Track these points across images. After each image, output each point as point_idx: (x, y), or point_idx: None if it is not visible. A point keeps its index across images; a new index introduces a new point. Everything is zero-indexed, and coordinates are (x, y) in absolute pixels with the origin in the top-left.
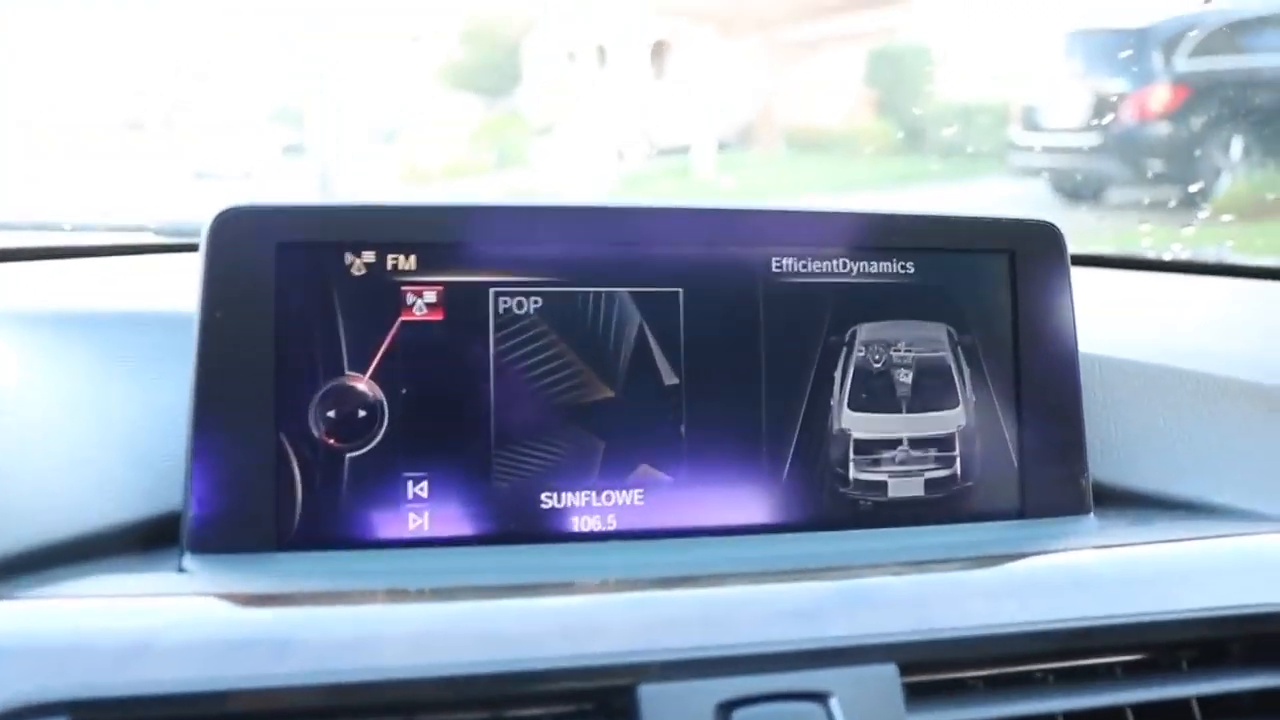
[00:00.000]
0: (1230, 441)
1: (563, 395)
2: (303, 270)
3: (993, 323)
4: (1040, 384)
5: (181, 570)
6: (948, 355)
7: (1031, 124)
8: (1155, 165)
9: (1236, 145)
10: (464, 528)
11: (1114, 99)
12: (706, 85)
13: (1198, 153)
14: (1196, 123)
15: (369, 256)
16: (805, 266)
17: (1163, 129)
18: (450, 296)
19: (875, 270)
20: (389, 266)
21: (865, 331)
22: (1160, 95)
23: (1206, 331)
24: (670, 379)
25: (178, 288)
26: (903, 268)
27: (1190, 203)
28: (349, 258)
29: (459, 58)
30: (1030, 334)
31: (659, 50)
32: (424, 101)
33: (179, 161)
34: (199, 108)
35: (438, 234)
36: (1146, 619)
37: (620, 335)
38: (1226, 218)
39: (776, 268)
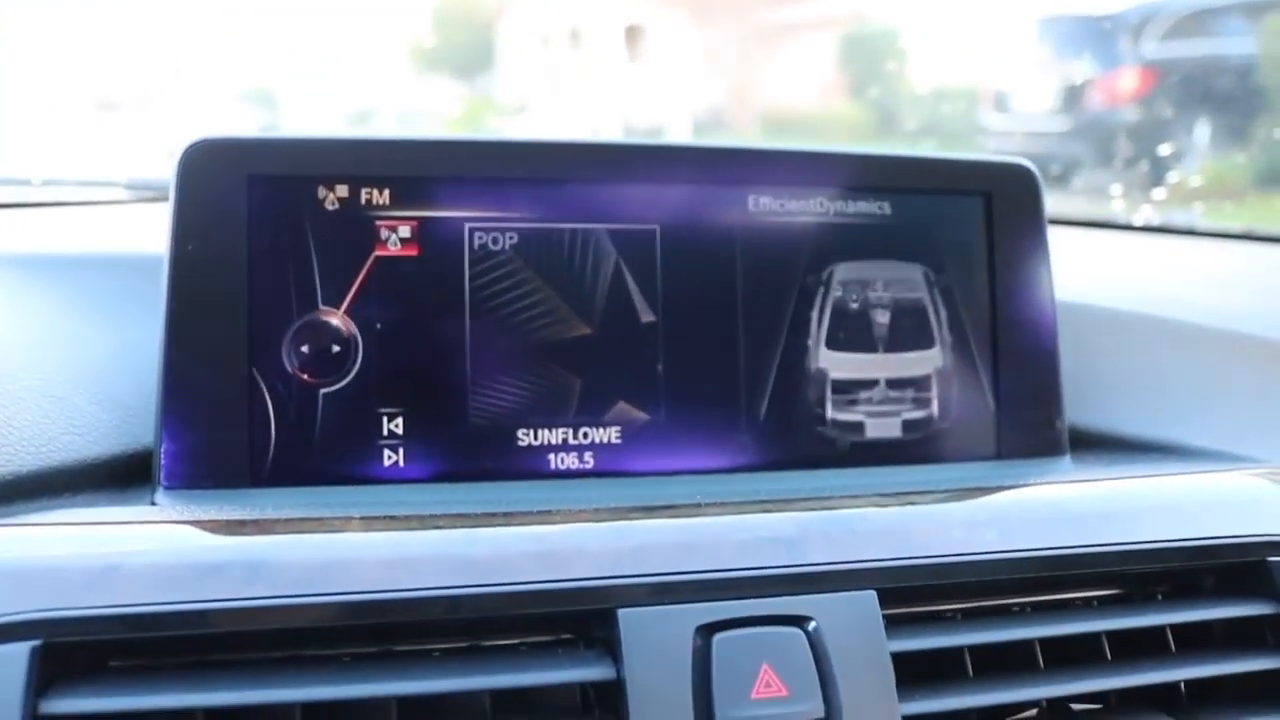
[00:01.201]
0: (1206, 386)
1: (539, 332)
2: (275, 203)
3: (969, 264)
4: (1016, 326)
5: (154, 505)
6: (924, 296)
7: (1002, 107)
8: (1124, 149)
9: (1203, 129)
10: (439, 465)
11: (1083, 83)
12: (680, 69)
13: (1165, 137)
14: (1164, 107)
15: (343, 190)
16: (782, 205)
17: (1131, 113)
18: (425, 231)
19: (852, 210)
20: (363, 200)
21: (842, 271)
22: (1129, 79)
23: (1180, 285)
24: (647, 316)
25: (148, 235)
26: (879, 208)
27: (1156, 185)
28: (323, 191)
29: (432, 40)
30: (1006, 276)
31: (633, 34)
32: (397, 83)
33: (151, 142)
34: (171, 88)
35: (413, 168)
36: (1124, 548)
37: (597, 272)
38: (1194, 200)
39: (754, 206)
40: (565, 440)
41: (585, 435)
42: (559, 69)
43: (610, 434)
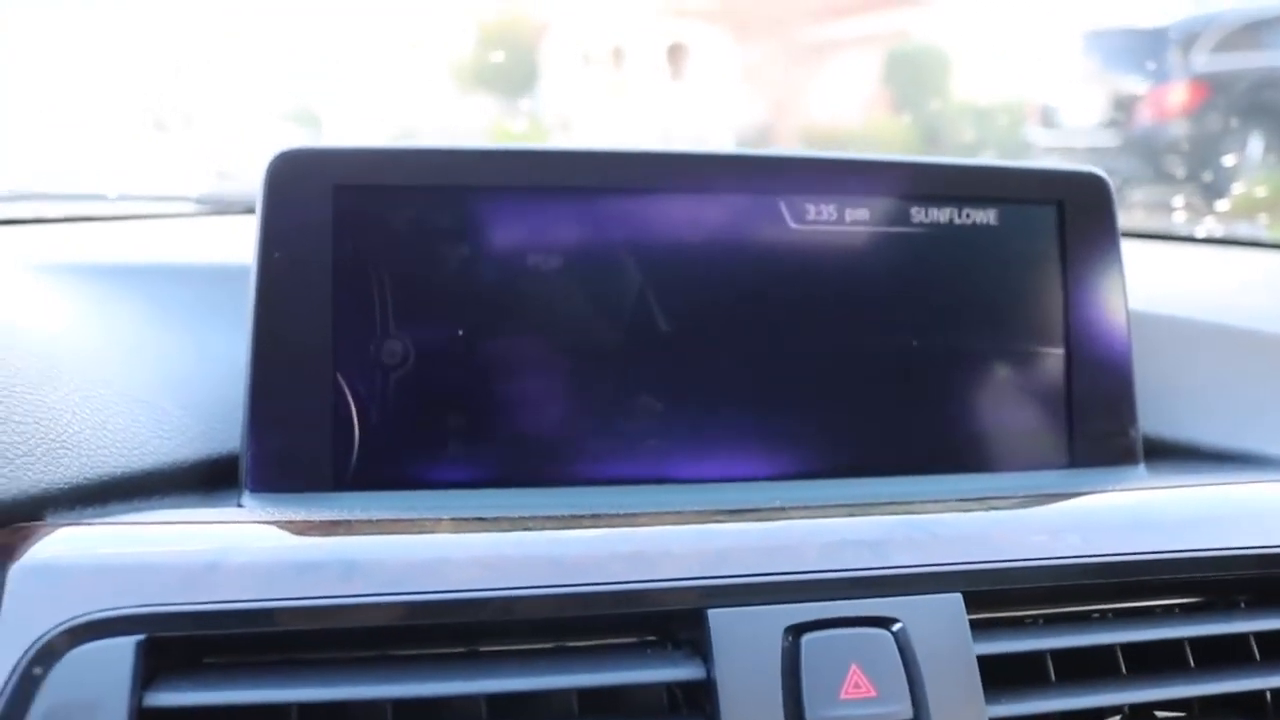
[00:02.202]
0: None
1: (612, 340)
2: (360, 212)
3: (1042, 274)
4: (1090, 334)
5: (240, 507)
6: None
7: (1050, 123)
8: (1174, 164)
9: (1256, 143)
10: (524, 470)
11: (1132, 98)
12: (723, 87)
13: (1217, 151)
14: (1215, 121)
15: (423, 200)
16: (842, 215)
17: (1181, 127)
18: (501, 242)
19: (920, 220)
20: (443, 210)
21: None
22: (1178, 93)
23: (1248, 294)
24: (719, 321)
25: (223, 246)
26: (951, 218)
27: (1210, 200)
28: (405, 201)
29: (475, 60)
30: (1079, 285)
31: (675, 52)
32: (440, 103)
33: (200, 162)
34: (219, 109)
35: (489, 178)
36: (1207, 554)
37: (670, 279)
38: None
39: (812, 216)
40: (644, 446)
41: (663, 441)
42: (602, 87)
43: (688, 440)
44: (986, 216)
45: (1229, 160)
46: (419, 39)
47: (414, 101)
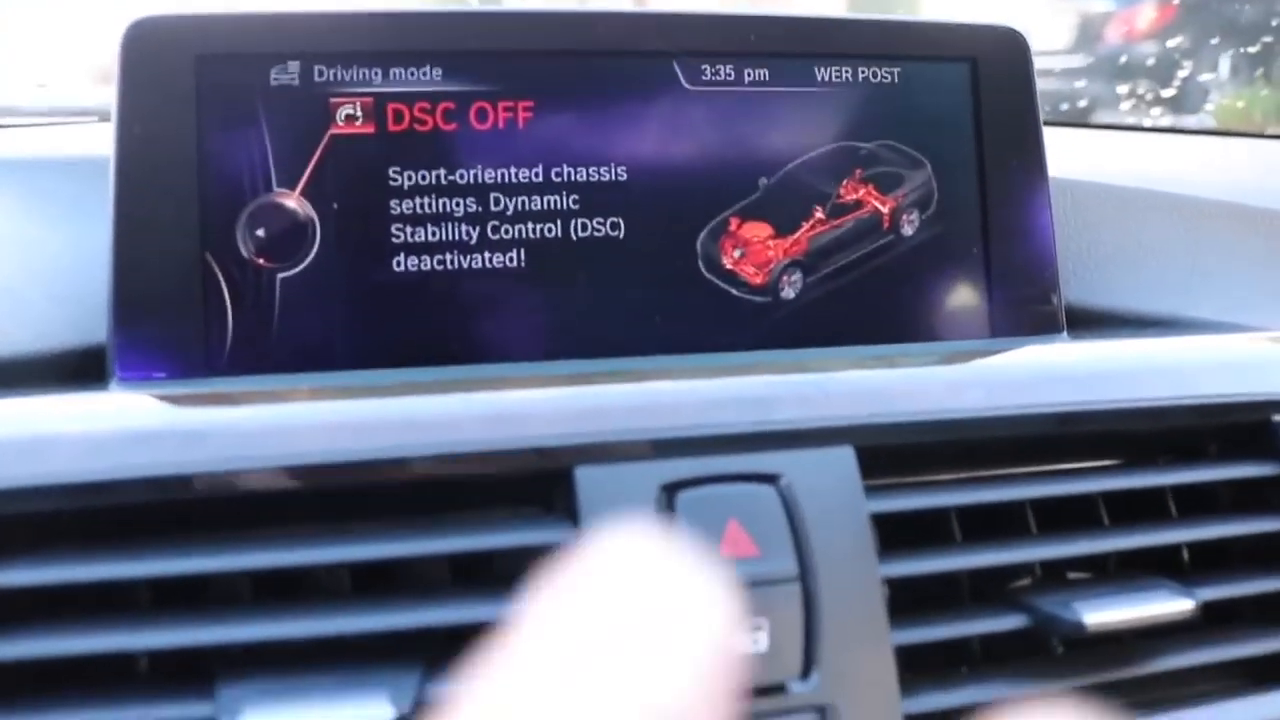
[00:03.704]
0: (1207, 258)
1: (495, 210)
2: (224, 83)
3: (953, 136)
4: (1007, 200)
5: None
6: (905, 171)
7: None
8: (1143, 86)
9: (1225, 63)
10: (404, 350)
11: (1100, 18)
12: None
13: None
14: (1185, 40)
15: (294, 67)
16: (739, 74)
17: (1150, 48)
18: (381, 109)
19: (822, 78)
20: (316, 77)
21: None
22: (1147, 13)
23: (1182, 167)
24: (603, 191)
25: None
26: (852, 76)
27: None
28: (273, 69)
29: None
30: (995, 147)
31: None
32: None
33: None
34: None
35: (366, 42)
36: (1122, 406)
37: (549, 146)
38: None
39: (708, 77)
40: (524, 321)
41: (543, 318)
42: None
43: (568, 316)
44: (894, 74)
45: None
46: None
47: None
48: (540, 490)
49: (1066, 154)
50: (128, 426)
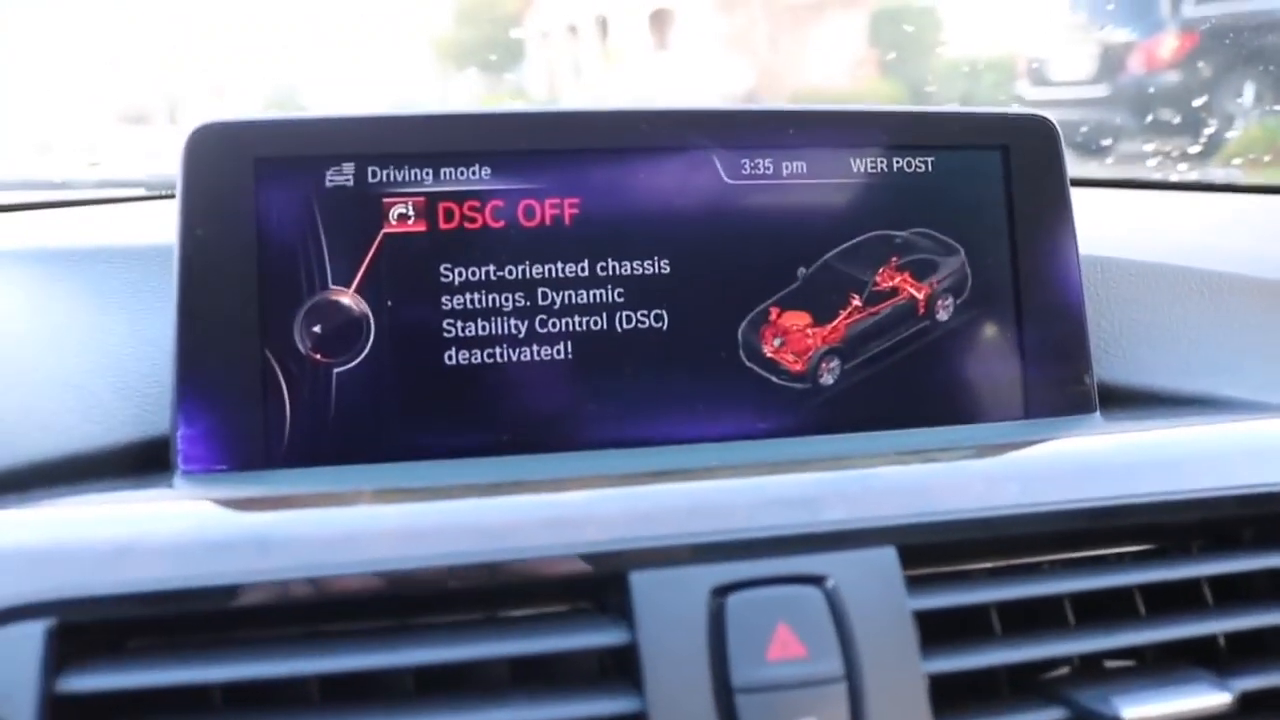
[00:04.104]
0: (1238, 336)
1: (546, 305)
2: (282, 184)
3: (987, 221)
4: (1039, 281)
5: (171, 489)
6: (940, 258)
7: (1040, 79)
8: (1166, 114)
9: (1248, 91)
10: (453, 441)
11: (1122, 49)
12: (709, 52)
13: (1210, 99)
14: (1206, 70)
15: (348, 169)
16: (779, 168)
17: (1172, 77)
18: (433, 208)
19: (859, 170)
20: (370, 178)
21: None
22: (1169, 43)
23: (1212, 235)
24: (654, 285)
25: (165, 229)
26: (889, 167)
27: (1204, 151)
28: (329, 170)
29: (459, 36)
30: (1027, 230)
31: (659, 19)
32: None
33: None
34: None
35: (418, 144)
36: (1157, 499)
37: (601, 243)
38: (1238, 162)
39: (747, 171)
40: (576, 414)
41: (598, 405)
42: (587, 58)
43: (619, 407)
44: (928, 163)
45: (1223, 107)
46: (402, 18)
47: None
48: (592, 589)
49: (1092, 217)
50: (204, 535)
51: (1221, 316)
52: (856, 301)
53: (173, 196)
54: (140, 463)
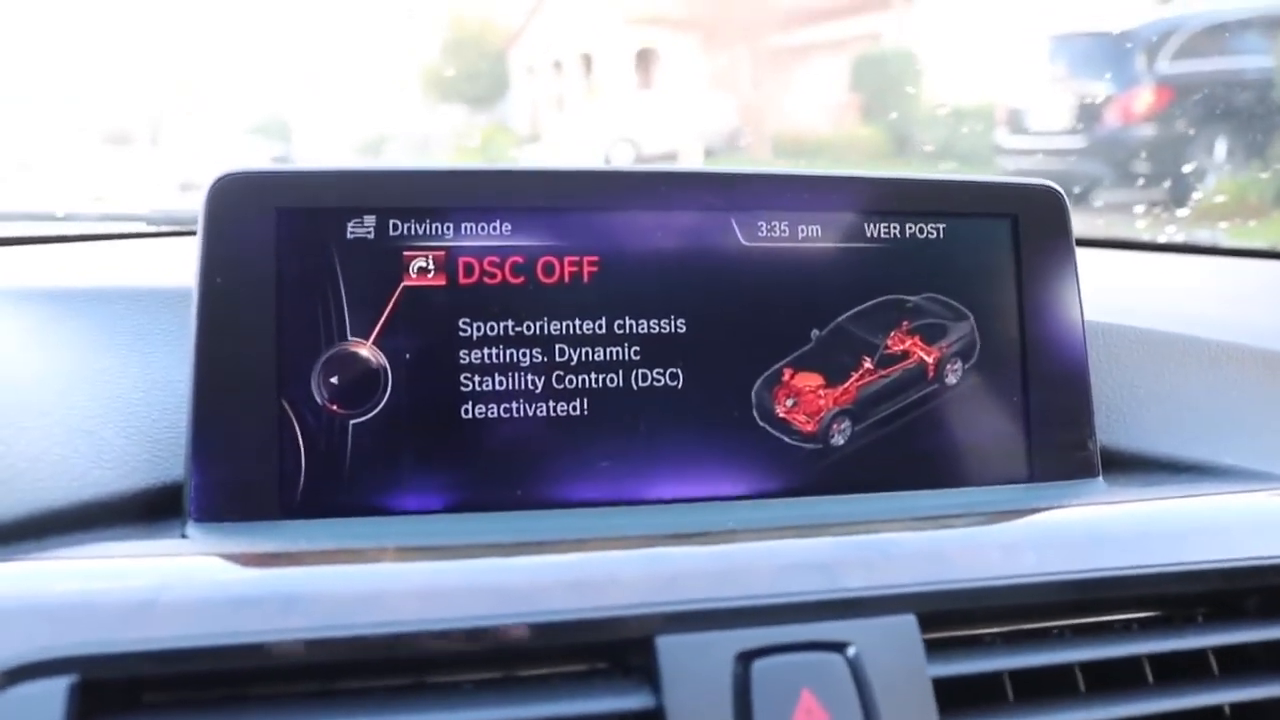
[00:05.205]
0: (1238, 405)
1: (563, 360)
2: (303, 235)
3: (995, 288)
4: (1046, 348)
5: (184, 538)
6: (949, 323)
7: (1018, 127)
8: (1141, 167)
9: (1221, 146)
10: (472, 495)
11: (1099, 102)
12: (692, 92)
13: (1182, 154)
14: (1181, 125)
15: (370, 221)
16: (795, 231)
17: (1147, 131)
18: (452, 262)
19: (871, 235)
20: (390, 231)
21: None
22: (1144, 97)
23: (1206, 302)
24: (669, 343)
25: (172, 268)
26: (900, 233)
27: (1176, 204)
28: (350, 222)
29: (446, 69)
30: (1034, 298)
31: (644, 59)
32: (411, 112)
33: (163, 174)
34: (184, 121)
35: (439, 199)
36: (1165, 569)
37: (617, 298)
38: (1215, 218)
39: (764, 233)
40: (597, 469)
41: (615, 465)
42: (571, 95)
43: (639, 464)
44: (940, 230)
45: (1195, 163)
46: (389, 49)
47: (384, 112)
48: (614, 652)
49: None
50: (230, 591)
51: (1220, 384)
52: (868, 364)
53: (178, 234)
54: (152, 509)
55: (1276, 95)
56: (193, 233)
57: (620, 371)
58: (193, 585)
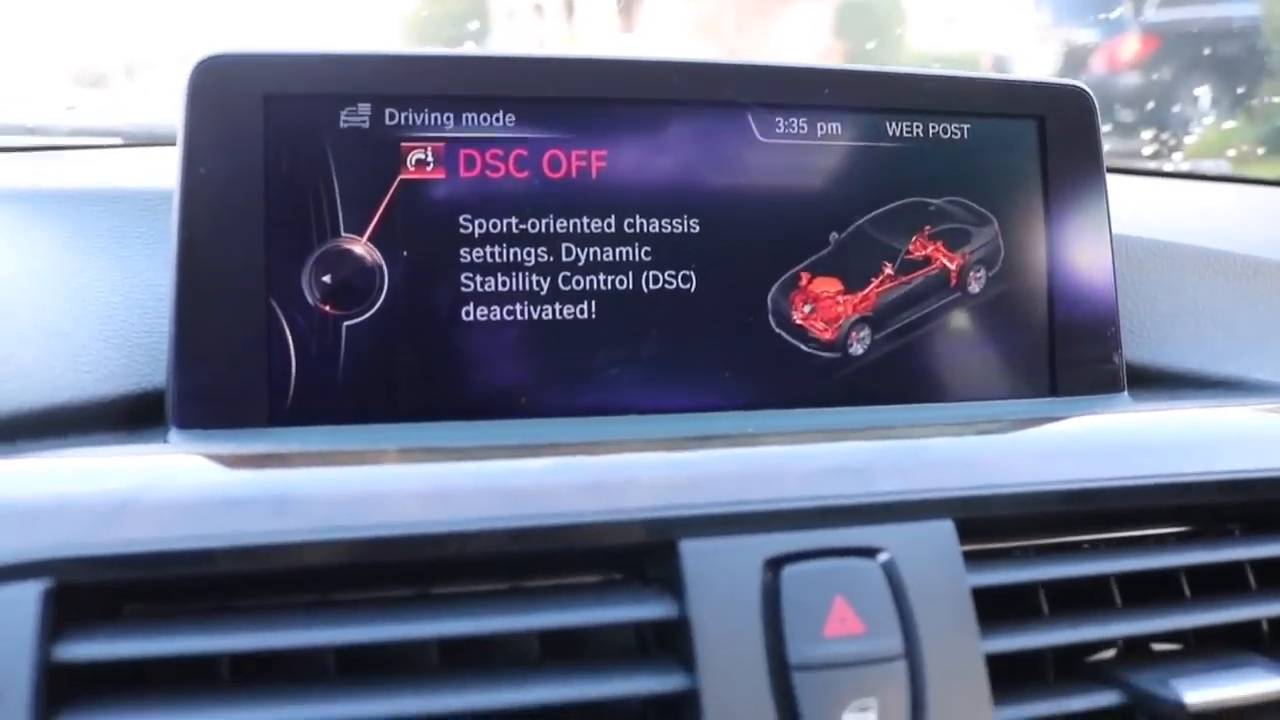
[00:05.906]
0: (1268, 318)
1: (571, 259)
2: (293, 124)
3: (1020, 193)
4: (1071, 257)
5: (166, 444)
6: (973, 228)
7: (1003, 75)
8: (1126, 115)
9: (1206, 95)
10: (473, 401)
11: (1085, 49)
12: (675, 38)
13: (1168, 102)
14: (1167, 73)
15: (365, 109)
16: (813, 128)
17: (1133, 79)
18: (453, 154)
19: (891, 133)
20: (387, 121)
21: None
22: (1130, 45)
23: (1227, 221)
24: (681, 244)
25: (148, 175)
26: (922, 132)
27: (1161, 152)
28: (343, 111)
29: (423, 10)
30: (1061, 204)
31: (627, 3)
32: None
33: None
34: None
35: (439, 86)
36: (1204, 478)
37: (630, 199)
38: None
39: (781, 129)
40: (599, 374)
41: (628, 369)
42: (553, 39)
43: (646, 367)
44: (964, 130)
45: (1180, 111)
46: None
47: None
48: (631, 559)
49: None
50: (216, 491)
51: (1251, 299)
52: (889, 270)
53: (153, 144)
54: (132, 417)
55: (1261, 42)
56: (173, 143)
57: (630, 273)
58: (176, 485)
